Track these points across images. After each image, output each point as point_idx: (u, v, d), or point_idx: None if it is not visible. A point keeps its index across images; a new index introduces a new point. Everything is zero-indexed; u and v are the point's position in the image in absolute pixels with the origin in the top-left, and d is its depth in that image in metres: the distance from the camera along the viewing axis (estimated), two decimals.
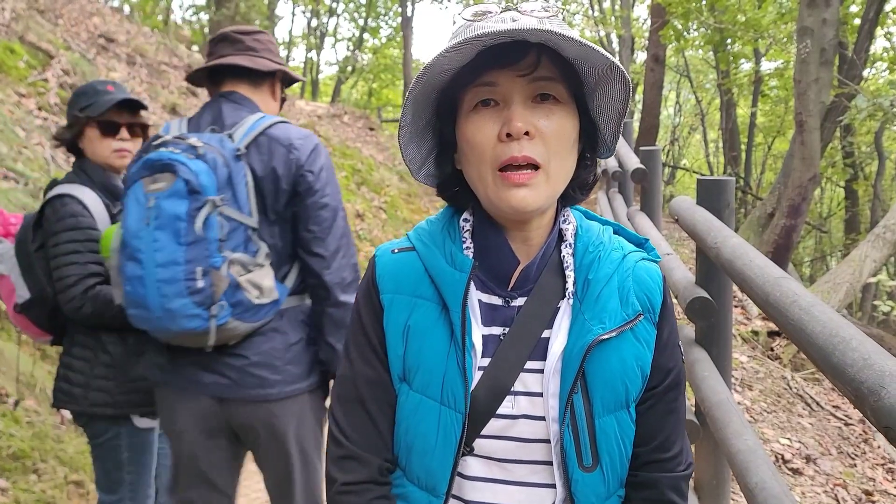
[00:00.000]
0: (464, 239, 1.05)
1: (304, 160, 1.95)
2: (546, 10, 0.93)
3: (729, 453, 1.87)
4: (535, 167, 0.94)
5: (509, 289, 1.04)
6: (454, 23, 0.97)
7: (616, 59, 0.93)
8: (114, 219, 2.21)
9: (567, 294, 1.02)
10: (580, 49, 0.92)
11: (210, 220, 1.80)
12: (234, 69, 2.05)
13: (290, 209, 1.96)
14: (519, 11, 0.93)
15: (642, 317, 1.03)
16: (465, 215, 1.06)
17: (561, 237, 1.06)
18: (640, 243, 1.11)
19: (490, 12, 0.94)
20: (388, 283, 1.05)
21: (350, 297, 1.98)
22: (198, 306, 1.80)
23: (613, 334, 1.00)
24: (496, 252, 1.03)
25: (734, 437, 1.88)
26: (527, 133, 0.93)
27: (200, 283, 1.79)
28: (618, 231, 1.12)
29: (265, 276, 1.89)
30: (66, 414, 3.17)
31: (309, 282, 2.00)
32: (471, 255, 1.03)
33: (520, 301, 1.03)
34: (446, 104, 1.01)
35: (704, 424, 2.32)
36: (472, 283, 1.02)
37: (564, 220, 1.07)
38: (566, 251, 1.04)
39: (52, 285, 2.14)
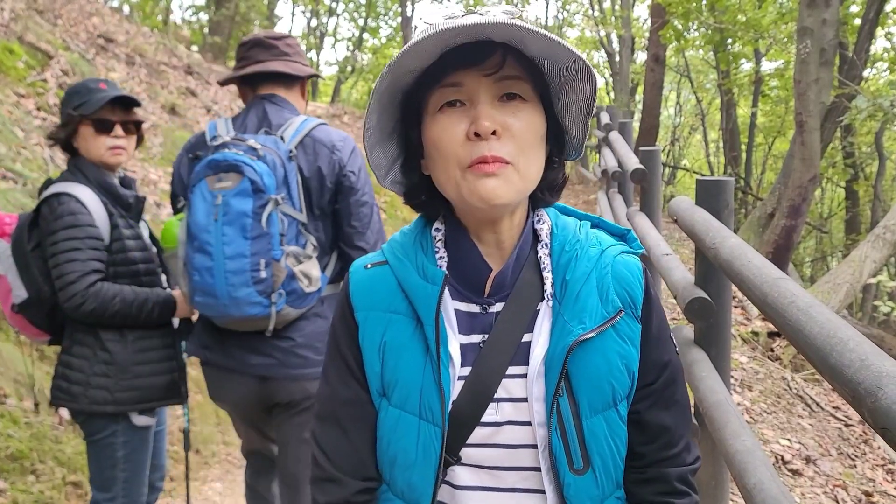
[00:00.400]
0: (436, 249, 1.03)
1: (346, 161, 2.14)
2: (508, 14, 0.92)
3: (727, 454, 1.86)
4: (505, 163, 0.92)
5: (485, 295, 1.02)
6: (415, 28, 0.96)
7: (583, 54, 0.92)
8: (112, 216, 2.22)
9: (545, 296, 1.01)
10: (545, 44, 0.91)
11: (272, 216, 1.99)
12: (271, 73, 2.18)
13: (332, 206, 2.15)
14: (481, 15, 0.92)
15: (623, 313, 1.01)
16: (437, 224, 1.05)
17: (536, 238, 1.04)
18: (622, 234, 1.10)
19: (454, 16, 0.93)
20: (362, 300, 1.05)
21: None
22: (260, 294, 1.98)
23: (592, 334, 0.98)
24: (468, 260, 1.02)
25: (732, 437, 1.87)
26: (494, 132, 0.92)
27: (263, 274, 1.97)
28: (597, 224, 1.11)
29: (313, 267, 2.08)
30: (65, 414, 3.16)
31: None
32: (444, 266, 1.02)
33: (498, 307, 1.02)
34: (412, 107, 1.00)
35: (703, 425, 2.32)
36: (447, 294, 1.01)
37: (538, 221, 1.05)
38: (542, 252, 1.03)
39: (49, 284, 2.15)
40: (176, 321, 2.36)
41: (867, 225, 13.76)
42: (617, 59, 18.98)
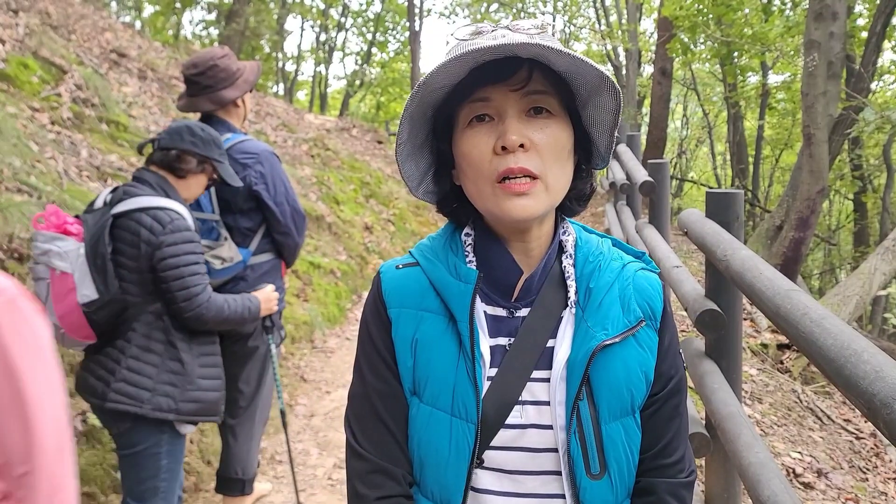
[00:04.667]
0: (466, 252, 1.06)
1: (253, 175, 2.74)
2: (536, 28, 0.95)
3: (740, 466, 1.86)
4: (533, 177, 0.95)
5: (513, 300, 1.05)
6: (447, 43, 0.99)
7: (606, 70, 0.94)
8: None
9: (569, 303, 1.04)
10: (570, 62, 0.93)
11: None
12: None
13: (250, 204, 2.77)
14: (510, 30, 0.94)
15: (644, 323, 1.04)
16: (467, 229, 1.08)
17: (561, 248, 1.07)
18: (638, 256, 1.13)
19: (483, 32, 0.95)
20: (394, 298, 1.06)
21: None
22: None
23: (617, 340, 1.01)
24: (499, 263, 1.04)
25: (745, 449, 1.87)
26: (522, 146, 0.94)
27: None
28: (616, 244, 1.14)
29: (226, 250, 2.70)
30: (78, 425, 3.18)
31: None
32: (474, 268, 1.04)
33: (523, 312, 1.04)
34: (442, 121, 1.03)
35: (715, 437, 2.32)
36: (477, 295, 1.03)
37: (564, 232, 1.08)
38: (567, 262, 1.06)
39: (125, 289, 2.21)
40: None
41: (876, 237, 13.70)
42: (624, 72, 19.01)
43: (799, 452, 3.93)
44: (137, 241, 2.20)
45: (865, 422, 4.75)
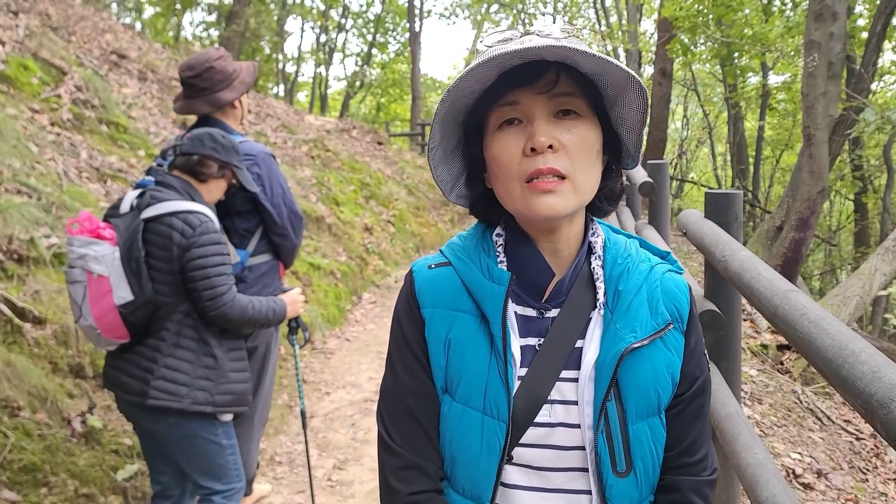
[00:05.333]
0: (497, 253, 1.08)
1: (251, 175, 2.70)
2: (564, 31, 0.96)
3: (739, 467, 1.87)
4: (561, 177, 0.97)
5: (543, 301, 1.06)
6: (477, 51, 1.01)
7: (632, 71, 0.95)
8: None
9: (598, 305, 1.05)
10: (596, 63, 0.95)
11: None
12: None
13: (248, 205, 2.79)
14: (538, 35, 0.96)
15: (672, 326, 1.06)
16: (498, 230, 1.10)
17: (590, 250, 1.09)
18: (663, 256, 1.14)
19: (512, 38, 0.97)
20: (428, 298, 1.08)
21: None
22: None
23: (645, 342, 1.03)
24: (531, 265, 1.06)
25: (744, 450, 1.88)
26: (550, 147, 0.96)
27: None
28: (642, 245, 1.15)
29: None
30: (77, 426, 3.18)
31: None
32: (505, 269, 1.06)
33: (553, 312, 1.06)
34: (473, 126, 1.05)
35: (714, 438, 2.32)
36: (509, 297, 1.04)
37: (593, 234, 1.10)
38: (596, 263, 1.08)
39: (157, 290, 2.30)
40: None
41: (876, 238, 13.70)
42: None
43: (799, 453, 3.93)
44: (169, 245, 2.29)
45: (865, 423, 4.74)
